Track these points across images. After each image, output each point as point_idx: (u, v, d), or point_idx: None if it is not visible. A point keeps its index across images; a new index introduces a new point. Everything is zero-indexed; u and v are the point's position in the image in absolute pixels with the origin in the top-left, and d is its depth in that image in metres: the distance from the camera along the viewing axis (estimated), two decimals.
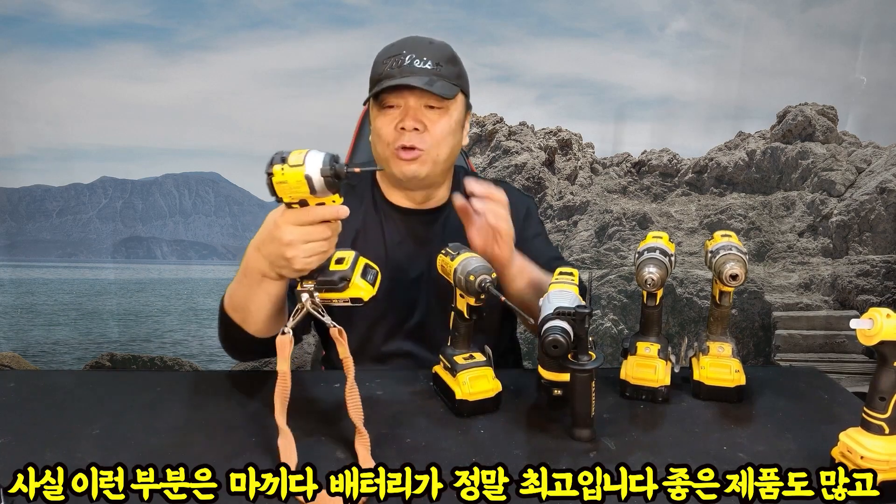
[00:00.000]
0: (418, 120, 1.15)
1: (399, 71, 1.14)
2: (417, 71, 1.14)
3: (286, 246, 0.83)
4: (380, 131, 1.17)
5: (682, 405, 1.01)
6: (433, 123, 1.16)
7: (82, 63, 2.52)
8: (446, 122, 1.17)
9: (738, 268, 0.94)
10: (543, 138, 2.89)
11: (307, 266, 0.85)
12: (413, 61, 1.14)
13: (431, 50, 1.17)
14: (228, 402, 1.01)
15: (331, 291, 0.85)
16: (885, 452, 0.74)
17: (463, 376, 0.95)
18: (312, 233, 0.83)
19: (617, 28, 2.65)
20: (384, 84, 1.13)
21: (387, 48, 1.19)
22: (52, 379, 1.12)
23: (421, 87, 1.12)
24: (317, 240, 0.83)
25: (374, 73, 1.18)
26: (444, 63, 1.17)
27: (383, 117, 1.17)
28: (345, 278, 0.85)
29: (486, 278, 0.90)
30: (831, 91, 2.80)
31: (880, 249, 2.88)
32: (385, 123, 1.16)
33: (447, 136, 1.18)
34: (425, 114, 1.16)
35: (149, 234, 2.84)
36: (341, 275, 0.85)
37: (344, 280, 0.85)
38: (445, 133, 1.17)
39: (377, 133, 1.18)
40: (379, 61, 1.18)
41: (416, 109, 1.15)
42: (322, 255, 0.85)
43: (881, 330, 0.73)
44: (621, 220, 2.91)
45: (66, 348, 2.77)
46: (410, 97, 1.15)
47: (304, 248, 0.83)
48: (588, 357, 0.84)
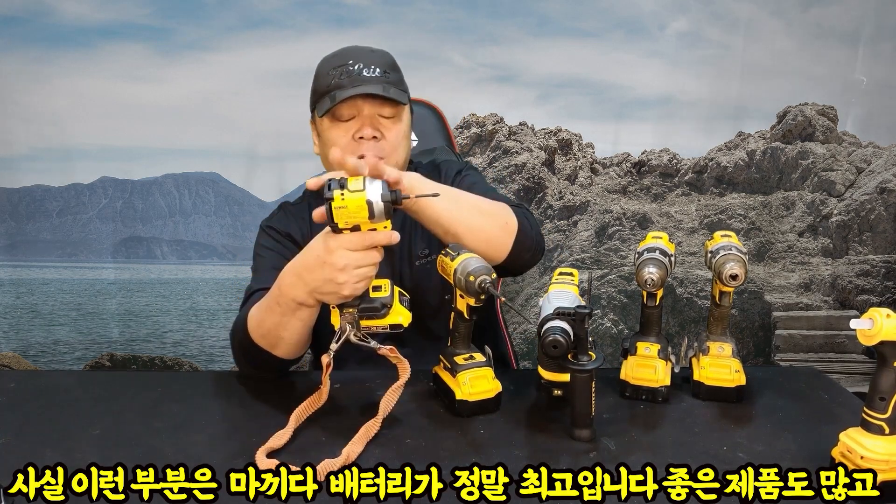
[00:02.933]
0: (376, 128, 1.16)
1: (350, 80, 1.14)
2: (369, 79, 1.14)
3: (339, 271, 0.84)
4: (336, 143, 1.16)
5: (682, 405, 1.01)
6: (389, 131, 1.17)
7: (82, 63, 2.52)
8: (400, 128, 1.19)
9: (737, 268, 0.94)
10: (543, 138, 2.89)
11: (355, 292, 0.85)
12: (362, 70, 1.14)
13: (375, 58, 1.17)
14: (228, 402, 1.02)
15: (372, 318, 0.87)
16: (885, 452, 0.74)
17: (463, 376, 0.95)
18: (365, 258, 0.84)
19: (617, 28, 2.65)
20: (340, 95, 1.12)
21: (328, 59, 1.19)
22: (52, 379, 1.12)
23: (381, 95, 1.12)
24: (367, 265, 0.84)
25: (321, 85, 1.17)
26: (389, 70, 1.18)
27: (337, 129, 1.17)
28: (386, 305, 0.86)
29: (486, 278, 0.90)
30: (831, 91, 2.79)
31: (880, 249, 2.87)
32: (340, 135, 1.16)
33: (402, 141, 1.20)
34: (380, 122, 1.17)
35: (149, 234, 2.84)
36: (382, 301, 0.87)
37: (385, 307, 0.87)
38: (401, 138, 1.19)
39: (331, 144, 1.17)
40: (323, 72, 1.17)
41: (371, 117, 1.16)
42: (368, 281, 0.86)
43: (881, 330, 0.73)
44: (621, 220, 2.91)
45: (66, 348, 2.77)
46: (365, 106, 1.15)
47: (355, 274, 0.84)
48: (588, 357, 0.85)
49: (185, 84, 2.57)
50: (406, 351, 0.95)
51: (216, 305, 2.79)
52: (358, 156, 1.10)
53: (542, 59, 2.65)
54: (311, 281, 0.87)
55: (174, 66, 2.55)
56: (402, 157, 1.22)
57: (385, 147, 1.17)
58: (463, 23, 2.58)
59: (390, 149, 1.18)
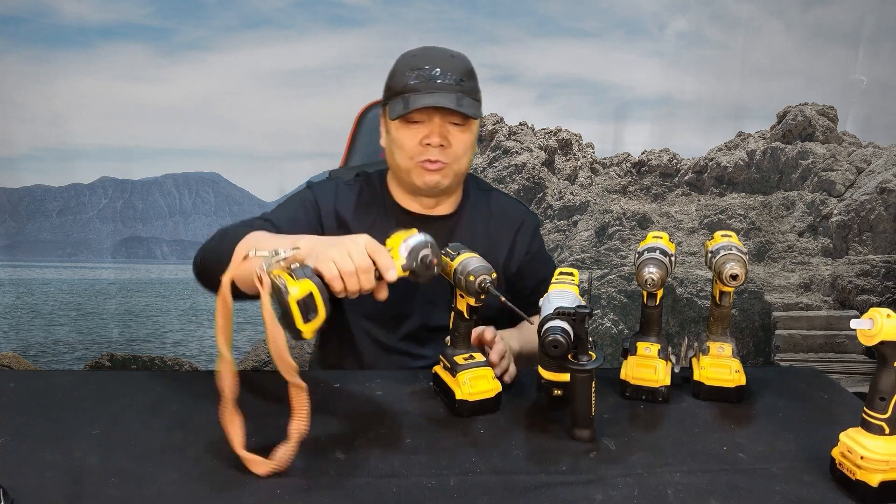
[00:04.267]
0: (443, 137, 1.16)
1: (426, 86, 1.14)
2: (444, 87, 1.14)
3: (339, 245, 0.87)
4: (403, 144, 1.18)
5: (682, 405, 1.01)
6: (456, 139, 1.18)
7: (82, 63, 2.51)
8: (468, 138, 1.19)
9: (738, 268, 0.94)
10: (543, 138, 2.89)
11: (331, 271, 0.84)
12: (439, 76, 1.15)
13: (454, 64, 1.17)
14: None
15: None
16: (885, 452, 0.74)
17: (463, 376, 0.95)
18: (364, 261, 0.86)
19: (617, 28, 2.65)
20: (415, 103, 1.13)
21: (407, 58, 1.19)
22: (52, 379, 1.12)
23: (452, 109, 1.13)
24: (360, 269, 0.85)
25: (397, 84, 1.17)
26: (466, 78, 1.18)
27: (407, 131, 1.17)
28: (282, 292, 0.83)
29: (486, 278, 0.90)
30: (831, 91, 2.79)
31: (880, 249, 2.88)
32: (409, 137, 1.17)
33: (468, 150, 1.21)
34: (449, 130, 1.17)
35: (149, 234, 2.84)
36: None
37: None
38: (467, 148, 1.20)
39: (399, 145, 1.18)
40: (401, 72, 1.17)
41: (441, 126, 1.16)
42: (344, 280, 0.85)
43: (881, 330, 0.73)
44: (621, 220, 2.91)
45: (66, 348, 2.77)
46: (436, 114, 1.16)
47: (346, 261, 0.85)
48: (588, 357, 0.85)
49: (185, 84, 2.57)
50: None
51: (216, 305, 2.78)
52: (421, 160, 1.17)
53: (542, 59, 2.65)
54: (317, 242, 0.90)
55: (174, 66, 2.55)
56: (465, 166, 1.23)
57: (450, 155, 1.18)
58: (463, 23, 2.58)
59: (454, 157, 1.19)
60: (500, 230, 1.32)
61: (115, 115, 2.57)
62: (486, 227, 1.31)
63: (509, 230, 1.32)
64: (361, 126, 1.62)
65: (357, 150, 1.61)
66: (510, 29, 2.62)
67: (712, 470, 0.81)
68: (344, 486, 0.77)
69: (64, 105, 2.53)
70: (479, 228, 1.30)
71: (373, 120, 1.60)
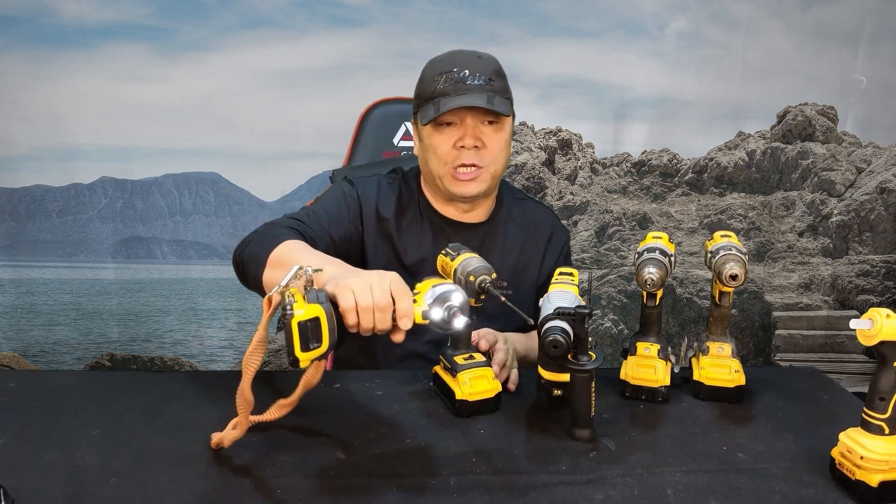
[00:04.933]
0: (477, 137, 1.15)
1: (455, 88, 1.13)
2: (474, 88, 1.13)
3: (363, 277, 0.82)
4: (437, 149, 1.17)
5: (681, 405, 1.01)
6: (490, 140, 1.16)
7: (82, 63, 2.52)
8: (502, 137, 1.18)
9: (737, 268, 0.94)
10: (543, 138, 2.90)
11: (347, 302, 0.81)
12: (467, 77, 1.13)
13: (482, 65, 1.16)
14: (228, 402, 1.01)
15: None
16: (885, 453, 0.74)
17: (463, 376, 0.95)
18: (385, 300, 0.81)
19: (617, 28, 2.65)
20: (445, 105, 1.12)
21: (435, 63, 1.18)
22: (52, 379, 1.12)
23: (484, 107, 1.12)
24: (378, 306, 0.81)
25: (426, 90, 1.17)
26: (495, 78, 1.16)
27: (439, 135, 1.16)
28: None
29: (487, 278, 0.90)
30: (831, 91, 2.80)
31: (880, 249, 2.88)
32: (442, 141, 1.16)
33: (503, 150, 1.19)
34: (482, 130, 1.16)
35: (149, 234, 2.84)
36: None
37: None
38: (502, 147, 1.19)
39: (433, 150, 1.17)
40: (429, 77, 1.17)
41: (473, 127, 1.15)
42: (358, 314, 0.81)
43: (881, 330, 0.73)
44: (621, 220, 2.91)
45: (66, 348, 2.77)
46: (468, 115, 1.15)
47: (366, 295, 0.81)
48: (588, 357, 0.84)
49: (185, 84, 2.57)
50: None
51: (216, 305, 2.79)
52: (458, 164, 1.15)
53: (542, 59, 2.65)
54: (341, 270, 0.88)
55: (174, 66, 2.55)
56: (501, 166, 1.21)
57: (486, 156, 1.17)
58: (463, 23, 2.58)
59: (490, 158, 1.17)
60: (531, 241, 1.31)
61: (115, 115, 2.57)
62: (518, 237, 1.30)
63: (541, 241, 1.31)
64: (365, 125, 1.62)
65: (360, 149, 1.62)
66: (510, 29, 2.62)
67: (712, 470, 0.81)
68: (344, 486, 0.77)
69: (64, 105, 2.54)
70: (511, 238, 1.29)
71: (376, 119, 1.60)
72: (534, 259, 1.30)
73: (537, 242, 1.31)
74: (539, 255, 1.31)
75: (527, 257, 1.29)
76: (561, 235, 1.35)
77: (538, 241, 1.31)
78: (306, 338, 0.74)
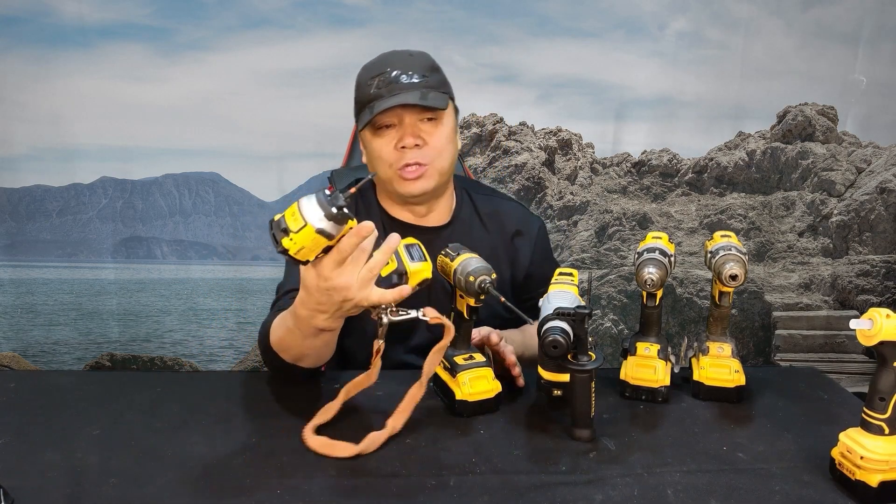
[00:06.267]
0: (417, 136, 1.14)
1: (388, 89, 1.12)
2: (406, 86, 1.12)
3: (346, 289, 0.82)
4: (379, 153, 1.16)
5: (681, 405, 1.01)
6: (431, 136, 1.15)
7: (82, 63, 2.52)
8: (443, 132, 1.17)
9: (737, 268, 0.94)
10: (543, 138, 2.90)
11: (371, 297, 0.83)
12: (400, 77, 1.13)
13: (414, 62, 1.15)
14: (228, 402, 1.01)
15: None
16: (885, 453, 0.74)
17: (463, 377, 0.95)
18: (355, 264, 0.82)
19: (617, 28, 2.65)
20: (378, 107, 1.11)
21: (367, 68, 1.18)
22: (52, 379, 1.12)
23: (417, 104, 1.11)
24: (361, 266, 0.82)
25: (362, 96, 1.16)
26: (429, 73, 1.16)
27: (380, 139, 1.16)
28: (400, 273, 0.85)
29: (487, 279, 0.90)
30: (831, 91, 2.80)
31: (880, 249, 2.88)
32: (383, 145, 1.15)
33: (447, 146, 1.18)
34: (422, 128, 1.15)
35: (149, 234, 2.84)
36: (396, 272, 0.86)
37: (401, 275, 0.85)
38: (444, 143, 1.17)
39: (376, 155, 1.17)
40: (363, 83, 1.16)
41: (412, 125, 1.14)
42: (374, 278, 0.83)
43: (881, 330, 0.73)
44: (621, 220, 2.91)
45: (66, 348, 2.77)
46: (405, 114, 1.14)
47: (360, 280, 0.82)
48: (588, 357, 0.85)
49: (185, 84, 2.57)
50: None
51: (216, 305, 2.79)
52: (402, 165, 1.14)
53: (542, 59, 2.65)
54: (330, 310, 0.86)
55: (174, 66, 2.55)
56: (448, 162, 1.20)
57: (428, 153, 1.15)
58: (463, 23, 2.58)
59: (434, 154, 1.16)
60: (499, 238, 1.29)
61: (115, 115, 2.57)
62: (486, 236, 1.28)
63: (507, 238, 1.30)
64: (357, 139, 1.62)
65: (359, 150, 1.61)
66: (510, 29, 2.62)
67: (712, 470, 0.81)
68: (344, 486, 0.77)
69: (64, 105, 2.54)
70: (478, 236, 1.27)
71: None
72: (504, 257, 1.29)
73: (504, 240, 1.30)
74: (509, 252, 1.29)
75: (497, 257, 1.26)
76: (531, 228, 1.32)
77: (504, 238, 1.30)
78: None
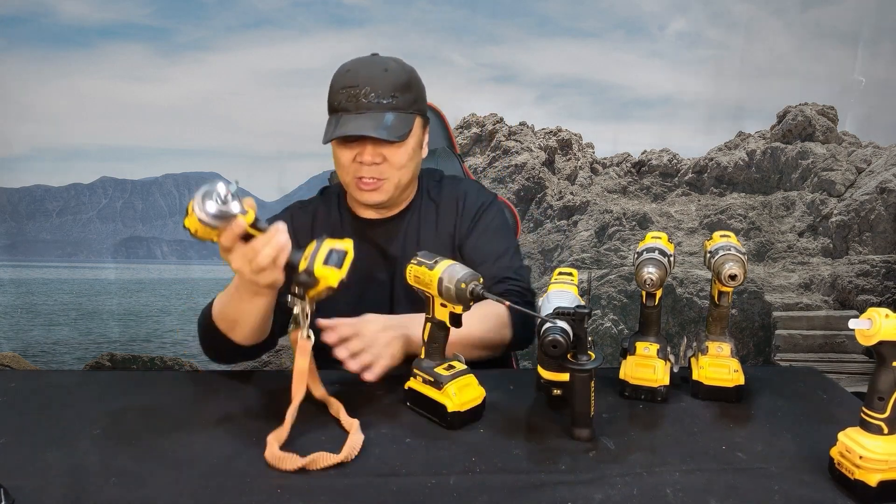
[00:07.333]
0: (376, 154, 1.17)
1: (355, 105, 1.15)
2: (374, 107, 1.15)
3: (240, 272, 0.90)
4: (339, 160, 1.21)
5: (681, 405, 1.01)
6: (393, 155, 1.18)
7: (82, 63, 2.52)
8: (404, 151, 1.20)
9: (736, 268, 0.94)
10: (543, 138, 2.89)
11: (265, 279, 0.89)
12: (369, 94, 1.15)
13: (385, 80, 1.16)
14: (228, 402, 1.02)
15: (308, 289, 0.87)
16: (884, 452, 0.74)
17: (450, 388, 0.93)
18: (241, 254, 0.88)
19: (617, 28, 2.65)
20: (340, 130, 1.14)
21: (342, 74, 1.19)
22: (52, 379, 1.12)
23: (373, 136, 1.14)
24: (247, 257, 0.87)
25: (331, 102, 1.19)
26: (399, 93, 1.17)
27: (343, 149, 1.20)
28: (309, 272, 0.86)
29: (478, 284, 0.89)
30: (831, 91, 2.79)
31: (880, 249, 2.88)
32: (343, 154, 1.20)
33: (407, 162, 1.21)
34: (382, 149, 1.18)
35: (149, 234, 2.84)
36: (306, 270, 0.86)
37: (309, 275, 0.86)
38: (404, 161, 1.20)
39: (337, 161, 1.22)
40: (335, 88, 1.18)
41: (373, 144, 1.17)
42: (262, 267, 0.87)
43: (880, 330, 0.73)
44: (621, 220, 2.91)
45: (66, 348, 2.77)
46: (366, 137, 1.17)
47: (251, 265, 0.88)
48: (587, 357, 0.85)
49: (185, 84, 2.57)
50: None
51: None
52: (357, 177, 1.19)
53: (542, 59, 2.65)
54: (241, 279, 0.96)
55: (174, 66, 2.55)
56: (409, 177, 1.23)
57: (386, 171, 1.19)
58: (463, 23, 2.58)
59: (392, 171, 1.19)
60: (445, 216, 1.32)
61: (115, 115, 2.57)
62: (435, 217, 1.31)
63: (452, 214, 1.32)
64: None
65: None
66: (510, 29, 2.62)
67: (711, 469, 0.81)
68: (344, 485, 0.78)
69: (64, 105, 2.54)
70: (428, 221, 1.31)
71: None
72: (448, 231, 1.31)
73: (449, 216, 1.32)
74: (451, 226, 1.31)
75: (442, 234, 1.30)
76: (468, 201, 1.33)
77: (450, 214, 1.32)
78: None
